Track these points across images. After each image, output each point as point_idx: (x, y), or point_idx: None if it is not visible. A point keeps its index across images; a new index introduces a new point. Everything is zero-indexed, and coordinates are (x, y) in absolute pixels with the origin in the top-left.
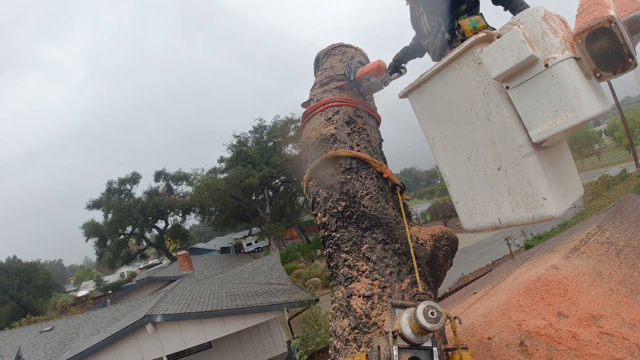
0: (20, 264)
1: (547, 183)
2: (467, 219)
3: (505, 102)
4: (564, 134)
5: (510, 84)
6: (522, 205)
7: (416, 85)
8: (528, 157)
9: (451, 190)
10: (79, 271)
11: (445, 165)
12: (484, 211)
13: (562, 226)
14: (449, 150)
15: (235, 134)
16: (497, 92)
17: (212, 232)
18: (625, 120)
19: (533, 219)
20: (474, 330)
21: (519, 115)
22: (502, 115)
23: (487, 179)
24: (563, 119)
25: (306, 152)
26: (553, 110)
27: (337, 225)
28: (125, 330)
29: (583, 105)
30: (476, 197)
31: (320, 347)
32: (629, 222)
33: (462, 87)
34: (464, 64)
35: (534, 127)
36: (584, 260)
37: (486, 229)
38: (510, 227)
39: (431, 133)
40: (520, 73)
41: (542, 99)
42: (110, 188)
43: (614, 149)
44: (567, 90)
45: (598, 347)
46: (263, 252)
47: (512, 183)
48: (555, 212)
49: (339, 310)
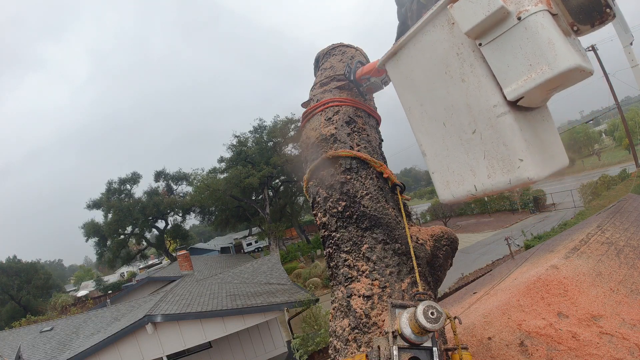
0: (20, 264)
1: (524, 144)
2: (443, 189)
3: (479, 61)
4: (540, 90)
5: (482, 41)
6: (498, 169)
7: (392, 53)
8: (503, 116)
9: (427, 160)
10: (79, 271)
11: (421, 135)
12: (460, 179)
13: (562, 226)
14: (425, 118)
15: (235, 134)
16: (470, 51)
17: (212, 232)
18: (625, 120)
19: (510, 183)
20: (474, 330)
21: (493, 73)
22: (476, 75)
23: (463, 144)
24: (538, 73)
25: (306, 152)
26: (527, 65)
27: (337, 225)
28: (125, 330)
29: (558, 57)
30: (452, 165)
31: (320, 347)
32: (629, 222)
33: (437, 50)
34: (438, 26)
35: (508, 84)
36: (584, 260)
37: (463, 198)
38: (486, 194)
39: (408, 102)
40: (493, 28)
41: (516, 54)
42: (110, 188)
43: (614, 149)
44: (541, 43)
45: (598, 347)
46: (263, 252)
47: (487, 146)
48: (533, 174)
49: (339, 310)
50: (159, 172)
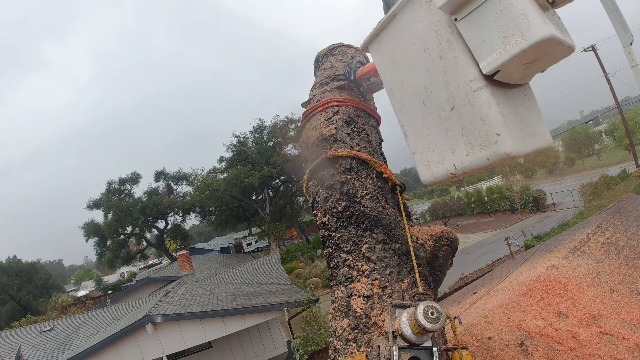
0: (20, 264)
1: (501, 118)
2: (424, 170)
3: (455, 37)
4: (516, 63)
5: (458, 16)
6: (476, 145)
7: (374, 35)
8: (479, 90)
9: (408, 140)
10: (79, 271)
11: (402, 115)
12: (440, 158)
13: (562, 226)
14: (405, 98)
15: (235, 134)
16: (447, 27)
17: (212, 232)
18: (625, 120)
19: (487, 159)
20: (474, 330)
21: (469, 48)
22: (452, 51)
23: (442, 122)
24: (512, 44)
25: (306, 152)
26: (502, 37)
27: (337, 225)
28: (125, 330)
29: (532, 27)
30: (432, 144)
31: (320, 347)
32: (629, 222)
33: (416, 28)
34: (417, 4)
35: (484, 57)
36: (584, 260)
37: (443, 178)
38: (466, 173)
39: (389, 83)
40: (468, 2)
41: (491, 27)
42: (110, 188)
43: (614, 149)
44: (515, 14)
45: (598, 347)
46: (263, 252)
47: (465, 122)
48: (511, 149)
49: (339, 310)
50: (159, 172)
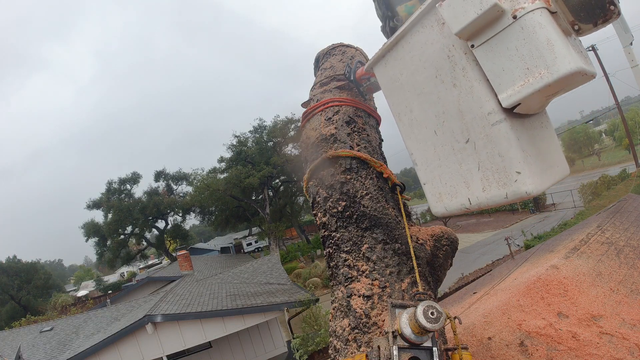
0: (20, 264)
1: (521, 154)
2: (436, 201)
3: (471, 64)
4: (538, 96)
5: (475, 42)
6: (493, 182)
7: (380, 56)
8: (498, 124)
9: (419, 170)
10: (79, 271)
11: (411, 142)
12: (453, 192)
13: (562, 226)
14: (415, 125)
15: (235, 134)
16: (462, 54)
17: (212, 232)
18: (625, 120)
19: (506, 197)
20: (474, 330)
21: (487, 77)
22: (468, 79)
23: (455, 154)
24: (536, 77)
25: (306, 152)
26: (524, 68)
27: (337, 225)
28: (125, 330)
29: (559, 60)
30: (444, 176)
31: (320, 347)
32: (629, 222)
33: (426, 51)
34: (427, 26)
35: (503, 89)
36: (584, 260)
37: (456, 211)
38: (481, 208)
39: (397, 107)
40: (486, 28)
41: (512, 57)
42: (110, 188)
43: (614, 149)
44: (539, 44)
45: (598, 347)
46: (263, 252)
47: (482, 157)
48: (532, 188)
49: (339, 310)
50: (159, 172)
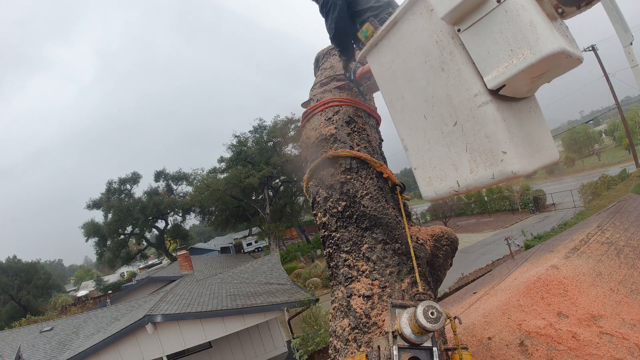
0: (20, 264)
1: (507, 135)
2: (426, 186)
3: (458, 48)
4: (523, 77)
5: (461, 26)
6: (480, 163)
7: (373, 44)
8: (484, 106)
9: (409, 155)
10: (79, 271)
11: (402, 128)
12: (442, 175)
13: (562, 226)
14: (406, 111)
15: (235, 134)
16: (449, 38)
17: (212, 232)
18: (625, 120)
19: (493, 178)
20: (474, 330)
21: (473, 60)
22: (455, 63)
23: (444, 138)
24: (519, 58)
25: (306, 152)
26: (508, 50)
27: (337, 225)
28: (125, 330)
29: (541, 40)
30: (434, 159)
31: (320, 347)
32: (629, 222)
33: (416, 38)
34: (417, 13)
35: (488, 71)
36: (584, 260)
37: (446, 195)
38: (470, 190)
39: (389, 95)
40: (471, 12)
41: (496, 39)
42: (110, 188)
43: (614, 149)
44: (522, 25)
45: (598, 347)
46: (263, 252)
47: (469, 139)
48: (518, 167)
49: (339, 310)
50: (159, 172)
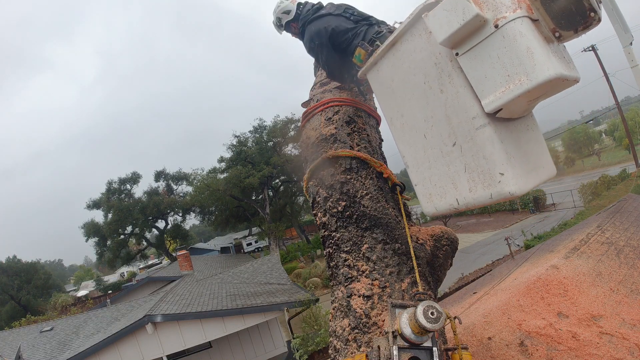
0: (20, 264)
1: (504, 157)
2: (427, 202)
3: (456, 71)
4: (520, 102)
5: (459, 50)
6: (479, 183)
7: (373, 63)
8: (482, 128)
9: (410, 172)
10: (79, 271)
11: (403, 146)
12: (442, 192)
13: (562, 226)
14: (406, 129)
15: (235, 134)
16: (448, 61)
17: (212, 232)
18: (625, 120)
19: (491, 198)
20: (474, 330)
21: (471, 84)
22: (454, 86)
23: (444, 157)
24: (516, 84)
25: (306, 152)
26: (505, 75)
27: (337, 225)
28: (125, 330)
29: (537, 67)
30: (434, 177)
31: (320, 347)
32: (629, 222)
33: (415, 59)
34: (416, 35)
35: (485, 95)
36: (584, 260)
37: (445, 211)
38: (469, 208)
39: (389, 112)
40: (469, 37)
41: (494, 64)
42: (110, 188)
43: (614, 149)
44: (519, 51)
45: (598, 347)
46: (263, 252)
47: (468, 159)
48: (515, 188)
49: (339, 310)
50: (159, 172)
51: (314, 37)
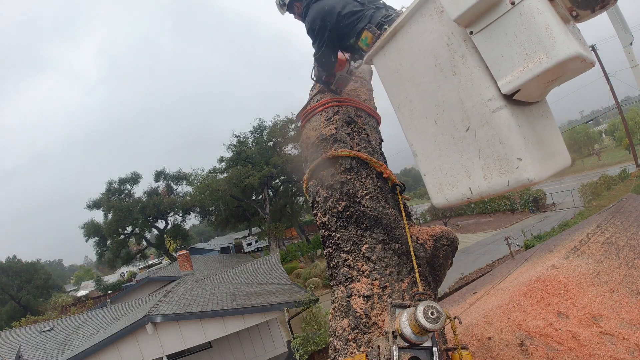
0: (20, 264)
1: (522, 141)
2: (437, 192)
3: (470, 51)
4: (538, 82)
5: (474, 29)
6: (494, 170)
7: (380, 47)
8: (498, 111)
9: (419, 161)
10: (79, 271)
11: (411, 133)
12: (454, 181)
13: (562, 226)
14: (415, 116)
15: (235, 134)
16: (461, 41)
17: (212, 232)
18: (625, 120)
19: (508, 185)
20: (474, 330)
21: (486, 64)
22: (468, 67)
23: (456, 143)
24: (535, 62)
25: (306, 152)
26: (523, 54)
27: (337, 225)
28: (125, 330)
29: (557, 44)
30: (445, 166)
31: (320, 347)
32: (629, 222)
33: (425, 40)
34: (426, 15)
35: (502, 75)
36: (584, 260)
37: (457, 202)
38: (483, 197)
39: (396, 98)
40: (484, 14)
41: (511, 43)
42: (110, 188)
43: (614, 149)
44: (537, 29)
45: (598, 347)
46: (263, 252)
47: (482, 144)
48: (534, 175)
49: (339, 310)
50: (159, 172)
51: (317, 19)
